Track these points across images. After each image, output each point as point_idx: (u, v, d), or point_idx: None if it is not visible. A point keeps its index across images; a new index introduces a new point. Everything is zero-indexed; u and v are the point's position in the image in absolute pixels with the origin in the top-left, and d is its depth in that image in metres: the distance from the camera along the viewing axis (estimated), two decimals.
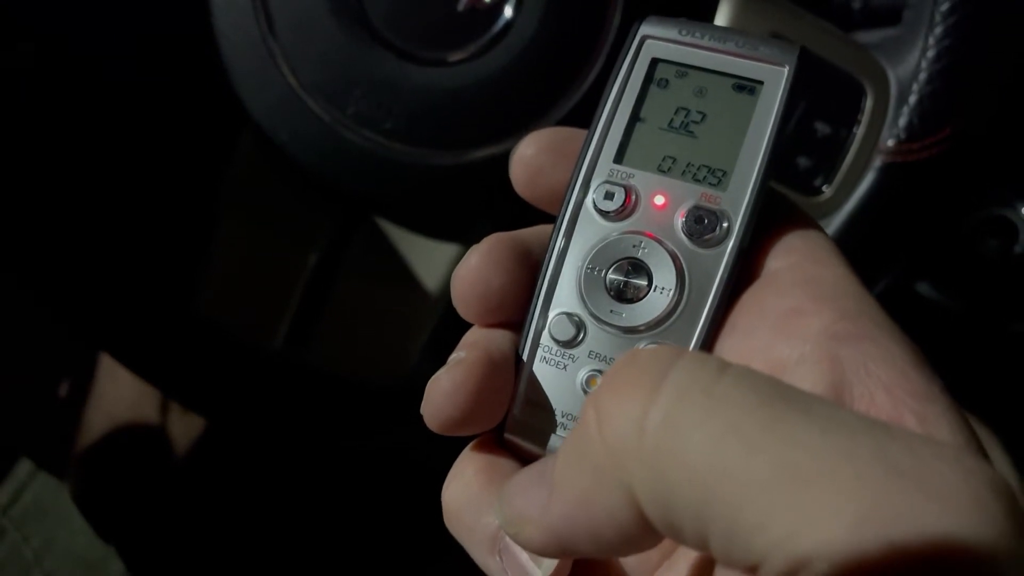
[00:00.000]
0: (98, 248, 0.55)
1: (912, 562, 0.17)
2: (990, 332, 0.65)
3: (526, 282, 0.28)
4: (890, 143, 0.45)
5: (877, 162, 0.45)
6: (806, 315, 0.24)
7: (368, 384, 0.54)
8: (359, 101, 0.45)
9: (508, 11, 0.45)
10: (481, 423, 0.27)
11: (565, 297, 0.28)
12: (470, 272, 0.28)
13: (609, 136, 0.28)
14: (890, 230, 0.46)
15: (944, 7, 0.43)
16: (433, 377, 0.27)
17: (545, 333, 0.28)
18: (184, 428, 0.76)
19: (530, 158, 0.29)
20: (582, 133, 0.29)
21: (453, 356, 0.27)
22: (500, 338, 0.28)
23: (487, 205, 0.47)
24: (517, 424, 0.28)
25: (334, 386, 0.55)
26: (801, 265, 0.26)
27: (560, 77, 0.45)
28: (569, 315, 0.27)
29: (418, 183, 0.46)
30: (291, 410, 0.57)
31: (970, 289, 0.63)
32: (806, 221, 0.27)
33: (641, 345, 0.27)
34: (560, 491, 0.22)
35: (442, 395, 0.26)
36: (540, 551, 0.23)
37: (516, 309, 0.28)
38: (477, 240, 0.28)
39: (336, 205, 0.50)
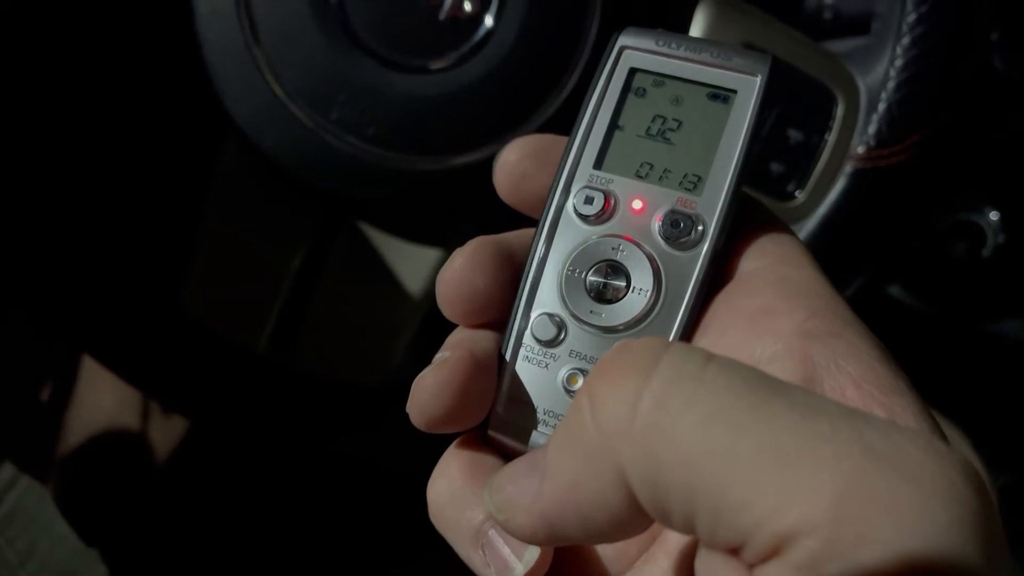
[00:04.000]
0: (82, 250, 0.55)
1: (888, 539, 0.18)
2: (959, 333, 0.66)
3: (509, 284, 0.29)
4: (860, 149, 0.46)
5: (848, 168, 0.46)
6: (777, 314, 0.25)
7: (351, 385, 0.54)
8: (342, 107, 0.46)
9: (488, 20, 0.46)
10: (465, 421, 0.28)
11: (546, 298, 0.29)
12: (455, 274, 0.28)
13: (589, 143, 0.29)
14: (861, 234, 0.47)
15: (911, 18, 0.45)
16: (419, 376, 0.27)
17: (527, 333, 0.28)
18: (166, 431, 0.76)
19: (514, 164, 0.30)
20: (564, 140, 0.30)
21: (438, 356, 0.28)
22: (484, 338, 0.29)
23: (468, 210, 0.48)
24: (500, 422, 0.28)
25: (317, 387, 0.55)
26: (773, 267, 0.27)
27: (540, 85, 0.46)
28: (550, 315, 0.28)
29: (400, 188, 0.47)
30: (274, 411, 0.57)
31: (940, 292, 0.65)
32: (778, 225, 0.29)
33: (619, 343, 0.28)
34: (552, 476, 0.23)
35: (427, 393, 0.27)
36: (529, 538, 0.24)
37: (499, 310, 0.29)
38: (459, 244, 0.29)
39: (319, 208, 0.51)
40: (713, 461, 0.19)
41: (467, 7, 0.45)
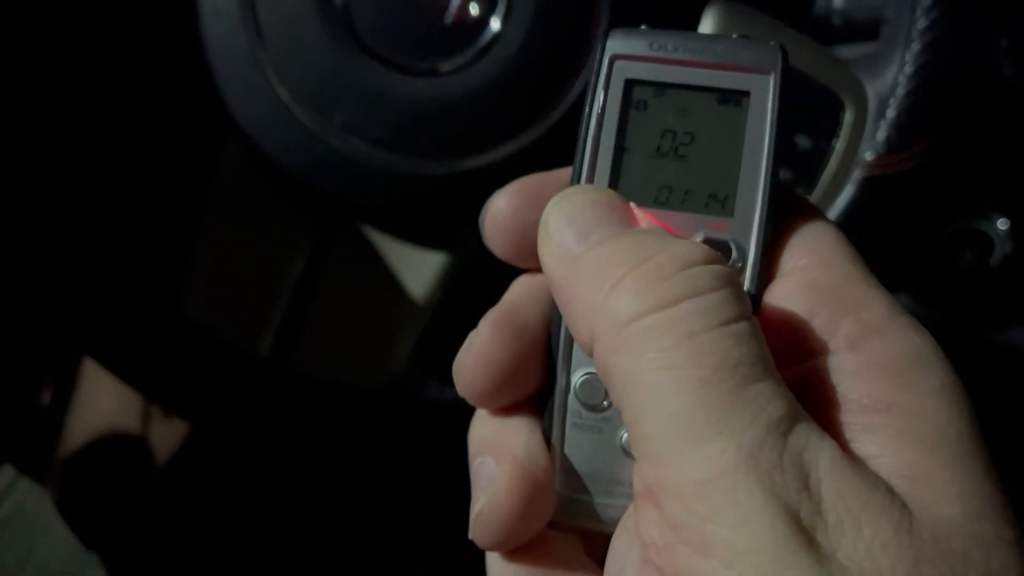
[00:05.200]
0: (83, 252, 0.54)
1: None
2: (966, 342, 0.66)
3: (527, 354, 0.27)
4: (869, 156, 0.45)
5: (856, 175, 0.46)
6: (819, 324, 0.24)
7: (353, 389, 0.54)
8: (347, 110, 0.45)
9: (495, 23, 0.45)
10: (530, 531, 0.26)
11: (584, 356, 0.25)
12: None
13: (597, 171, 0.26)
14: (870, 241, 0.47)
15: (921, 24, 0.44)
16: (474, 510, 0.26)
17: (571, 398, 0.26)
18: (166, 434, 0.76)
19: (507, 213, 0.27)
20: (555, 175, 0.27)
21: (480, 472, 0.27)
22: (519, 432, 0.27)
23: (473, 214, 0.47)
24: (563, 500, 0.26)
25: (319, 391, 0.55)
26: (809, 268, 0.26)
27: (546, 88, 0.46)
28: (594, 374, 0.25)
29: (405, 192, 0.46)
30: (275, 415, 0.57)
31: (947, 300, 0.65)
32: (819, 216, 0.27)
33: None
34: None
35: (486, 529, 0.26)
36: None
37: (523, 386, 0.27)
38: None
39: (322, 211, 0.50)
40: (646, 403, 0.22)
41: (473, 10, 0.45)
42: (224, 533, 0.76)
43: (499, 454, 0.26)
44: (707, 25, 0.46)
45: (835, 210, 0.46)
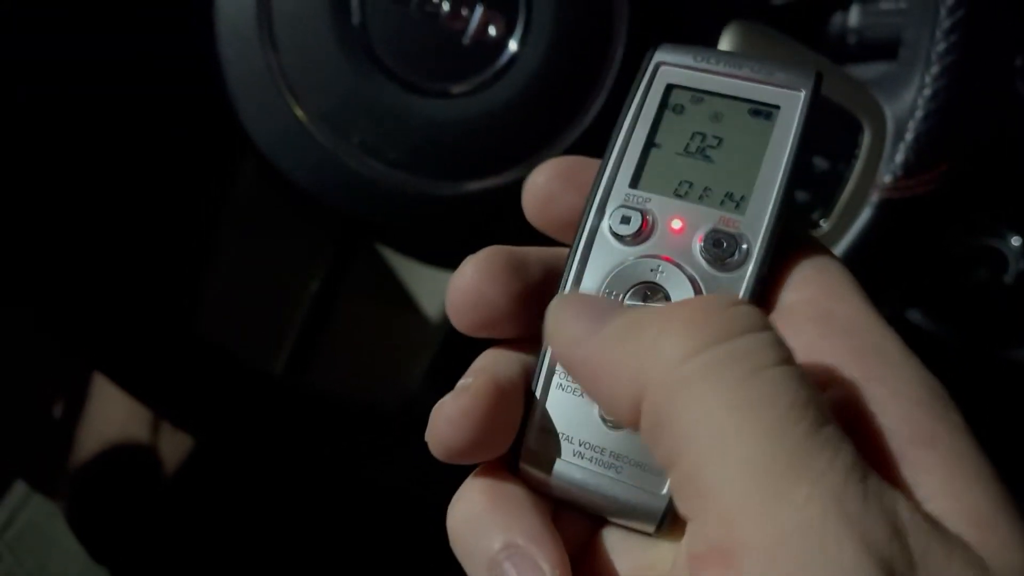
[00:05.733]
0: (99, 269, 0.55)
1: None
2: (980, 360, 0.65)
3: (523, 298, 0.28)
4: (887, 179, 0.45)
5: (874, 197, 0.45)
6: (819, 355, 0.24)
7: (368, 409, 0.54)
8: (364, 131, 0.45)
9: (513, 45, 0.45)
10: (488, 452, 0.27)
11: None
12: (465, 282, 0.27)
13: (624, 161, 0.28)
14: (887, 264, 0.47)
15: (940, 47, 0.44)
16: (438, 404, 0.26)
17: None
18: (177, 449, 0.76)
19: (541, 186, 0.29)
20: (594, 162, 0.29)
21: (460, 382, 0.27)
22: (509, 362, 0.28)
23: (490, 235, 0.47)
24: (532, 454, 0.27)
25: (334, 411, 0.55)
26: (815, 300, 0.26)
27: (564, 110, 0.46)
28: None
29: (421, 213, 0.46)
30: (290, 434, 0.57)
31: (960, 318, 0.64)
32: (821, 251, 0.27)
33: None
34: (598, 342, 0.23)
35: (447, 423, 0.26)
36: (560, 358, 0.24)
37: (513, 325, 0.28)
38: None
39: (338, 231, 0.50)
40: (713, 447, 0.20)
41: (492, 31, 0.45)
42: (235, 550, 0.76)
43: (479, 371, 0.27)
44: (726, 44, 0.46)
45: (852, 233, 0.46)
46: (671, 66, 0.29)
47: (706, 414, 0.20)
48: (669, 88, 0.29)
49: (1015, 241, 0.62)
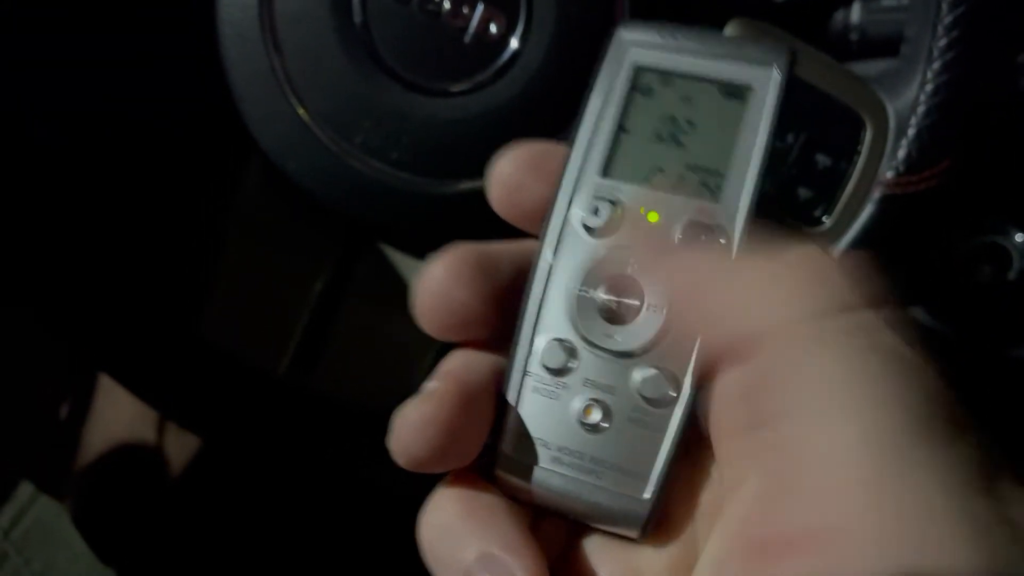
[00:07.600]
0: (103, 269, 0.55)
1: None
2: (983, 358, 0.65)
3: (493, 298, 0.27)
4: (889, 175, 0.45)
5: (876, 194, 0.45)
6: None
7: (372, 410, 0.54)
8: (367, 131, 0.45)
9: (514, 42, 0.45)
10: (454, 460, 0.26)
11: (553, 321, 0.26)
12: (432, 284, 0.26)
13: (593, 148, 0.27)
14: (889, 260, 0.47)
15: (942, 43, 0.44)
16: (400, 410, 0.25)
17: (535, 361, 0.26)
18: (183, 449, 0.76)
19: (509, 175, 0.28)
20: (561, 148, 0.28)
21: (424, 386, 0.26)
22: (479, 364, 0.27)
23: (495, 234, 0.47)
24: (508, 460, 0.26)
25: (338, 411, 0.55)
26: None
27: (567, 106, 0.45)
28: (560, 340, 0.26)
29: (426, 212, 0.46)
30: (294, 435, 0.57)
31: (963, 315, 0.64)
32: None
33: (637, 370, 0.25)
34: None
35: (410, 431, 0.25)
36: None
37: (484, 327, 0.27)
38: None
39: (342, 231, 0.51)
40: (826, 414, 0.19)
41: (493, 29, 0.45)
42: (240, 551, 0.76)
43: (444, 375, 0.26)
44: None
45: (855, 229, 0.46)
46: (638, 46, 0.28)
47: (827, 380, 0.19)
48: (638, 70, 0.28)
49: (1019, 237, 0.62)
